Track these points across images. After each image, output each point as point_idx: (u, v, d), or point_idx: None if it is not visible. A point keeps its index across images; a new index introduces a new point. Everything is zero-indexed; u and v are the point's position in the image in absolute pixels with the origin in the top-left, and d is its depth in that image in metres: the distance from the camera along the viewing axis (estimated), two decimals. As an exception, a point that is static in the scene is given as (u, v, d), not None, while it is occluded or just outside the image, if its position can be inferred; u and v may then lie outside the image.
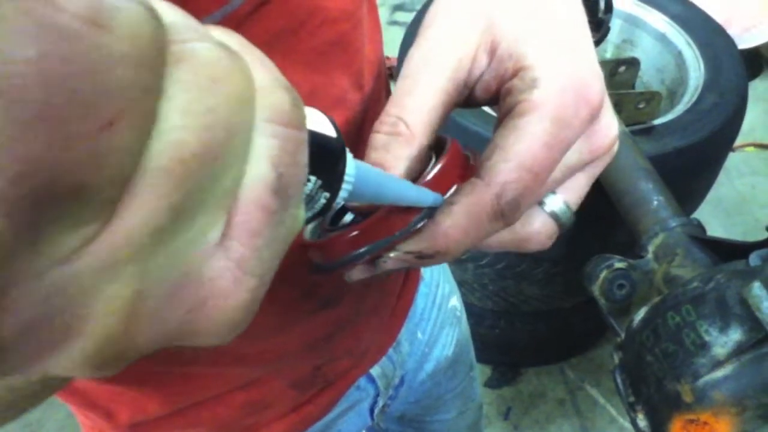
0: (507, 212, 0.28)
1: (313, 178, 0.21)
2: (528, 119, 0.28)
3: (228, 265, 0.17)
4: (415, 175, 0.30)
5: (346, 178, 0.23)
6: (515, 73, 0.29)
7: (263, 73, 0.18)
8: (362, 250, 0.29)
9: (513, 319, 1.49)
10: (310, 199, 0.22)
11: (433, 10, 0.32)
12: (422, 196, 0.28)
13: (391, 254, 0.30)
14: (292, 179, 0.18)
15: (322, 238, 0.32)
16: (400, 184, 0.27)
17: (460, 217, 0.28)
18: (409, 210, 0.28)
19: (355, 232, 0.29)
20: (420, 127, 0.29)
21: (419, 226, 0.29)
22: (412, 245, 0.29)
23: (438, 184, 0.29)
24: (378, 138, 0.29)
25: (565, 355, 1.71)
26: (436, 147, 0.32)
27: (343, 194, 0.23)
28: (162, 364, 0.46)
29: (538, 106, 0.28)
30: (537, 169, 0.27)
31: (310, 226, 0.36)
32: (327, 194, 0.22)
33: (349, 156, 0.23)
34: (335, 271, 0.32)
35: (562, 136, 0.28)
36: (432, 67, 0.30)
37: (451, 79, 0.30)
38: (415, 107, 0.29)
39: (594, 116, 0.29)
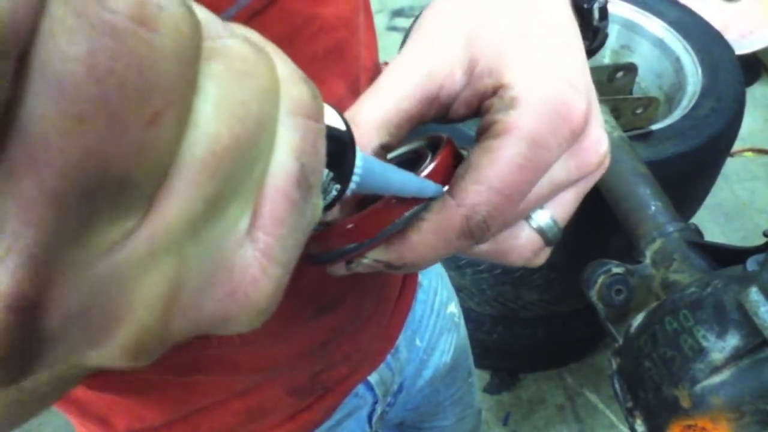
0: (476, 232, 0.28)
1: (326, 171, 0.21)
2: (502, 141, 0.27)
3: (256, 255, 0.18)
4: None
5: (355, 170, 0.23)
6: (494, 91, 0.29)
7: (283, 66, 0.18)
8: (355, 245, 0.30)
9: (511, 325, 1.49)
10: (323, 191, 0.22)
11: (420, 21, 0.32)
12: (424, 187, 0.29)
13: (363, 260, 0.30)
14: (314, 170, 0.19)
15: (318, 230, 0.31)
16: (403, 176, 0.28)
17: (429, 234, 0.29)
18: (404, 202, 0.29)
19: (350, 225, 0.29)
20: (368, 127, 0.30)
21: (407, 216, 0.29)
22: (381, 255, 0.30)
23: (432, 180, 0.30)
24: None
25: (564, 360, 1.71)
26: (432, 146, 0.32)
27: (352, 186, 0.24)
28: (159, 372, 0.46)
29: (514, 128, 0.27)
30: (509, 191, 0.27)
31: None
32: (338, 186, 0.23)
33: (358, 148, 0.24)
34: (329, 263, 0.32)
35: (539, 158, 0.27)
36: (398, 74, 0.30)
37: (417, 87, 0.30)
38: (369, 108, 0.30)
39: (576, 135, 0.29)
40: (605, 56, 1.38)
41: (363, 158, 0.24)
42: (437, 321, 0.70)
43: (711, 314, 0.60)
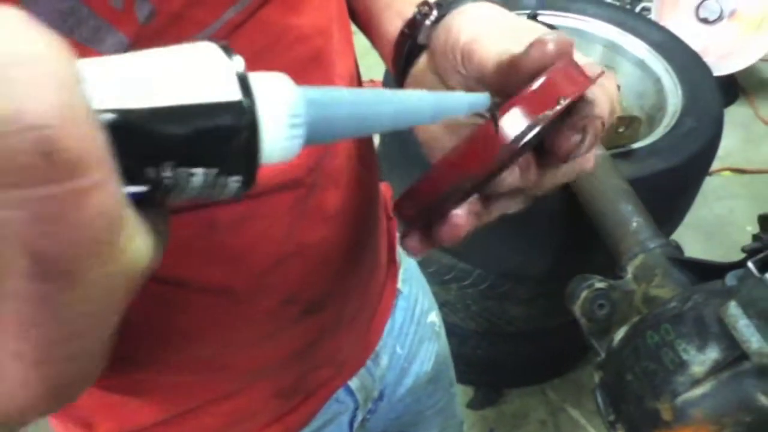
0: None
1: (199, 170, 0.16)
2: None
3: (6, 364, 0.15)
4: None
5: (291, 121, 0.18)
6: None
7: None
8: (451, 188, 0.28)
9: (496, 340, 1.49)
10: (211, 189, 0.17)
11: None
12: (449, 102, 0.26)
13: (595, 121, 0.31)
14: (67, 248, 0.14)
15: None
16: (400, 96, 0.23)
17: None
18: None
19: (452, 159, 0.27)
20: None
21: (521, 135, 0.27)
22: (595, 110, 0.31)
23: (544, 95, 0.28)
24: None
25: (547, 376, 1.71)
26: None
27: (283, 151, 0.18)
28: (147, 372, 0.46)
29: None
30: None
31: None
32: (238, 177, 0.17)
33: (290, 89, 0.18)
34: (426, 219, 0.30)
35: None
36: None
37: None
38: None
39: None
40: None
41: (309, 97, 0.19)
42: (418, 329, 0.71)
43: (692, 328, 0.61)
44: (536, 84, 0.28)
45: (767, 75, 2.66)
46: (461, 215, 0.31)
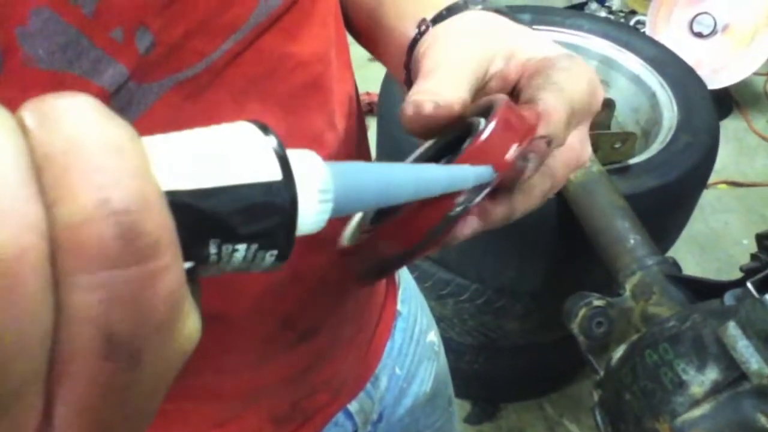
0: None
1: (242, 246, 0.17)
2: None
3: None
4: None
5: (321, 197, 0.19)
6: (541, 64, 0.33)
7: (83, 197, 0.13)
8: (401, 251, 0.27)
9: (492, 355, 1.49)
10: (249, 264, 0.18)
11: (432, 44, 0.36)
12: (459, 176, 0.25)
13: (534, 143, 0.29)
14: (137, 330, 0.14)
15: (359, 240, 0.29)
16: (419, 172, 0.24)
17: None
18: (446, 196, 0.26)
19: (388, 229, 0.27)
20: (460, 86, 0.32)
21: (461, 210, 0.26)
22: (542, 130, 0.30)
23: (494, 145, 0.27)
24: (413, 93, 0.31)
25: (544, 390, 1.71)
26: (486, 114, 0.29)
27: (313, 225, 0.19)
28: None
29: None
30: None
31: (349, 230, 0.32)
32: (274, 251, 0.18)
33: (320, 167, 0.19)
34: (379, 278, 0.29)
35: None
36: (455, 61, 0.33)
37: (474, 71, 0.33)
38: (447, 78, 0.32)
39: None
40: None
41: (341, 172, 0.20)
42: (417, 349, 0.70)
43: (690, 348, 0.61)
44: (482, 137, 0.27)
45: (760, 88, 2.68)
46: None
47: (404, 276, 0.71)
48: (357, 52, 0.49)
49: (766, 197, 2.26)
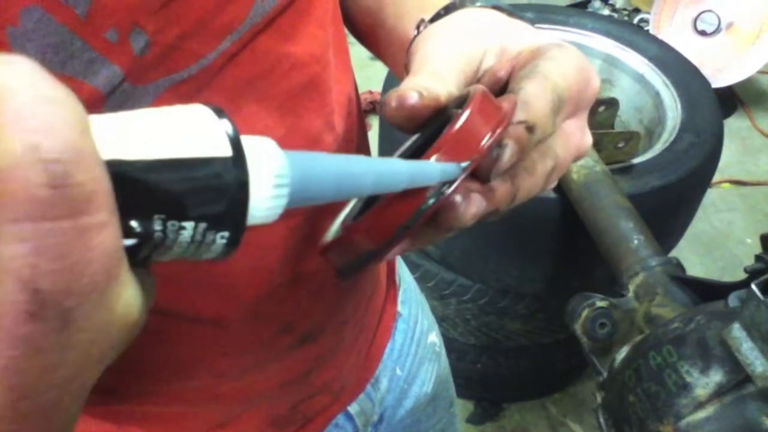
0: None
1: (189, 224, 0.17)
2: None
3: None
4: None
5: (276, 181, 0.18)
6: (531, 54, 0.34)
7: (11, 142, 0.13)
8: (373, 248, 0.27)
9: (495, 355, 1.48)
10: (198, 246, 0.17)
11: (424, 40, 0.36)
12: (423, 171, 0.26)
13: (510, 129, 0.29)
14: (67, 287, 0.14)
15: (339, 235, 0.29)
16: (381, 166, 0.24)
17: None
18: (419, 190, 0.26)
19: (373, 217, 0.26)
20: (447, 81, 0.32)
21: (432, 202, 0.26)
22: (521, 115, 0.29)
23: (468, 134, 0.27)
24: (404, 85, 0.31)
25: (547, 390, 1.70)
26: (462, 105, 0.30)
27: (268, 211, 0.19)
28: (135, 403, 0.45)
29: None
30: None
31: (334, 227, 0.32)
32: (225, 233, 0.18)
33: (276, 154, 0.19)
34: (361, 270, 0.29)
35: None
36: (443, 58, 0.33)
37: (462, 67, 0.33)
38: (434, 73, 0.32)
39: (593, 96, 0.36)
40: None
41: (302, 160, 0.20)
42: (418, 350, 0.70)
43: (694, 350, 0.61)
44: (455, 127, 0.27)
45: (765, 87, 2.67)
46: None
47: (405, 277, 0.70)
48: (358, 52, 0.49)
49: (771, 196, 2.26)
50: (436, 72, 0.32)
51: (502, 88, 0.35)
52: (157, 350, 0.40)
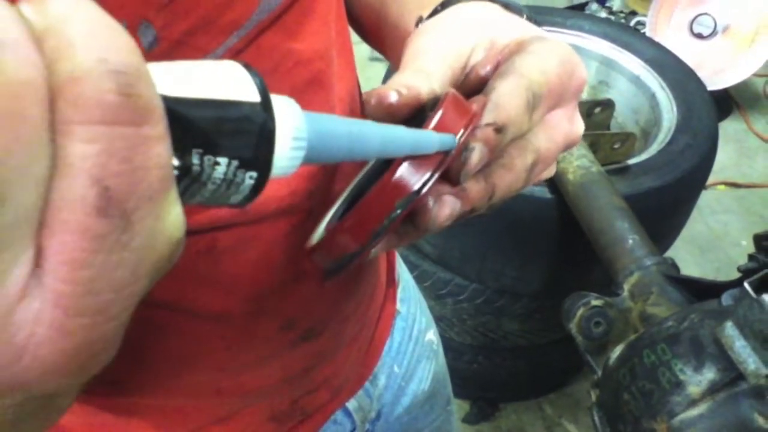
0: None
1: (223, 160, 0.18)
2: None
3: (45, 307, 0.15)
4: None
5: (295, 134, 0.20)
6: (515, 48, 0.34)
7: (82, 55, 0.14)
8: (360, 245, 0.27)
9: (491, 355, 1.49)
10: (228, 185, 0.19)
11: (418, 35, 0.36)
12: (424, 139, 0.27)
13: (477, 131, 0.29)
14: (130, 189, 0.15)
15: (323, 237, 0.29)
16: (387, 131, 0.25)
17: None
18: (399, 185, 0.27)
19: (350, 221, 0.27)
20: (432, 77, 0.32)
21: (399, 212, 0.27)
22: (488, 117, 0.30)
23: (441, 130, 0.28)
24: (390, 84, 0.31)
25: (543, 390, 1.71)
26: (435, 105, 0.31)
27: (288, 162, 0.20)
28: (138, 396, 0.45)
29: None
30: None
31: (319, 230, 0.33)
32: (254, 173, 0.19)
33: (296, 111, 0.20)
34: (345, 270, 0.30)
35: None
36: (429, 54, 0.33)
37: (450, 63, 0.34)
38: (418, 70, 0.32)
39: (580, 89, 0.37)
40: (583, 92, 1.42)
41: (315, 120, 0.21)
42: (415, 348, 0.71)
43: (688, 348, 0.62)
44: (431, 123, 0.28)
45: (760, 89, 2.68)
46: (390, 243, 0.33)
47: (403, 275, 0.71)
48: (359, 52, 0.50)
49: (766, 198, 2.27)
50: (422, 68, 0.33)
51: (485, 84, 0.35)
52: (160, 344, 0.41)
